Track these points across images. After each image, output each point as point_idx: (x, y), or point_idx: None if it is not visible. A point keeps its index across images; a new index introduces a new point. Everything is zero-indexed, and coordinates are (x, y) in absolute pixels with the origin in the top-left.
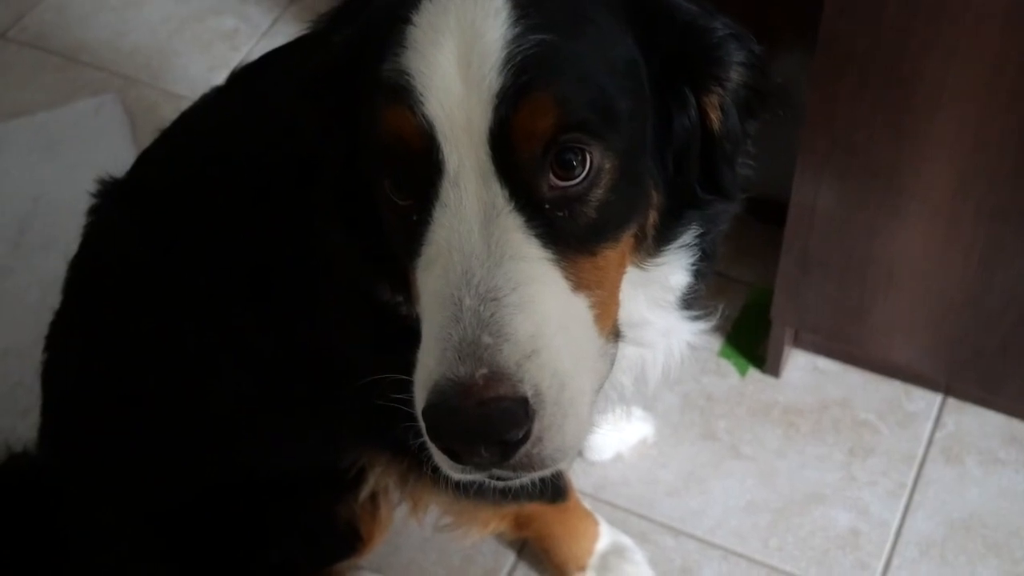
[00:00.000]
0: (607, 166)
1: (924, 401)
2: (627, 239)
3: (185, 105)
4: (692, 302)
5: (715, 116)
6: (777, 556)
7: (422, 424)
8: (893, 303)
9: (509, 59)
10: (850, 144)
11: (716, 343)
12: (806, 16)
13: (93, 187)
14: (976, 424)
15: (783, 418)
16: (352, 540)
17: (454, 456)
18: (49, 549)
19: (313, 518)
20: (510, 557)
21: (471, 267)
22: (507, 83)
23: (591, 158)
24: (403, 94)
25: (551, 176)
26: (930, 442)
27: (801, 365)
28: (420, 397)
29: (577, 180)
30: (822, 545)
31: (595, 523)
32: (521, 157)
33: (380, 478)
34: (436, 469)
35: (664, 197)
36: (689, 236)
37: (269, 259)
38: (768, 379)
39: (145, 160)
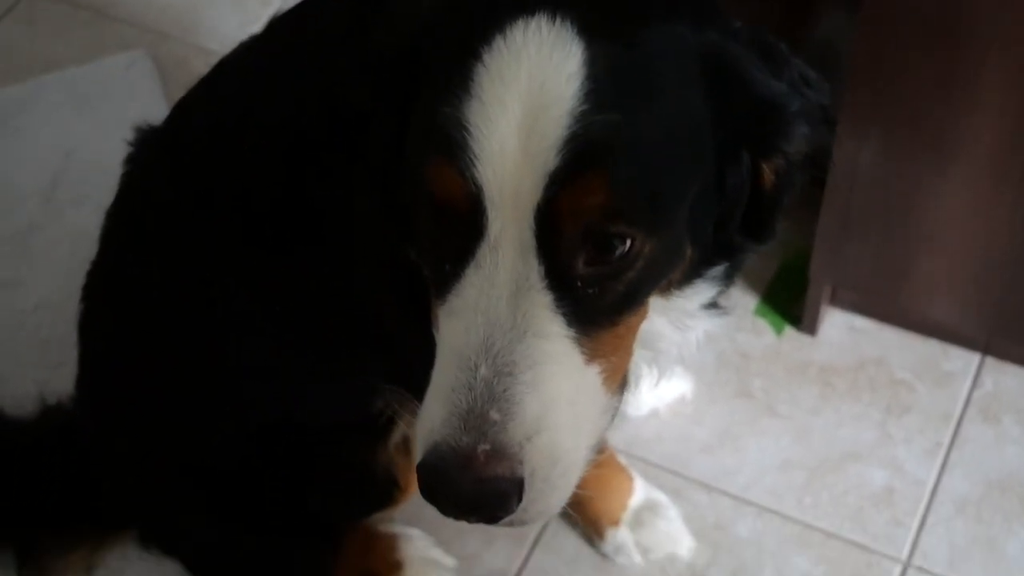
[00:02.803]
0: (647, 249)
1: (962, 360)
2: (649, 299)
3: (216, 61)
4: (713, 304)
5: (769, 179)
6: (811, 513)
7: (418, 476)
8: (935, 260)
9: (572, 139)
10: (896, 97)
11: (751, 301)
12: None
13: (127, 139)
14: (1015, 383)
15: (819, 377)
16: (390, 488)
17: (443, 510)
18: (86, 501)
19: (352, 465)
20: None
21: (493, 335)
22: (563, 164)
23: (632, 243)
24: (456, 151)
25: (588, 256)
26: (968, 401)
27: (838, 324)
28: (420, 448)
29: (614, 261)
30: (857, 503)
31: (629, 478)
32: (563, 238)
33: (410, 424)
34: None
35: (698, 252)
36: (718, 270)
37: (303, 209)
38: (804, 338)
39: (182, 108)
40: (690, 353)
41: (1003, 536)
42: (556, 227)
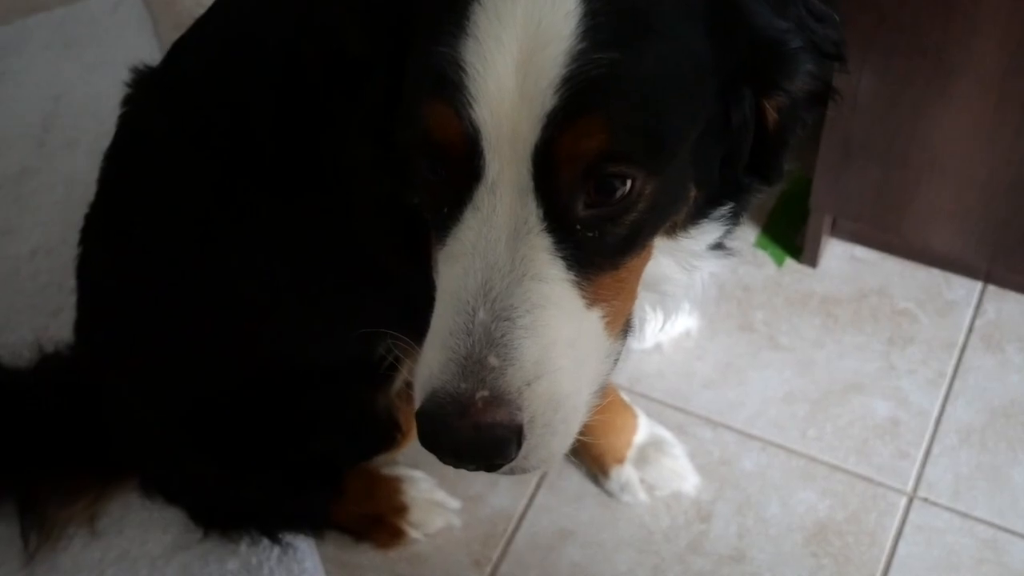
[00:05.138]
0: (648, 190)
1: (964, 289)
2: (652, 242)
3: (206, 0)
4: (720, 245)
5: (772, 117)
6: (816, 446)
7: (416, 423)
8: (936, 189)
9: (569, 78)
10: (896, 21)
11: (752, 234)
12: None
13: (124, 79)
14: (1017, 311)
15: (821, 308)
16: (391, 431)
17: (441, 458)
18: (87, 450)
19: (353, 409)
20: None
21: (491, 279)
22: (561, 104)
23: (632, 184)
24: (453, 91)
25: (588, 197)
26: (970, 330)
27: (839, 254)
28: (418, 395)
29: (614, 203)
30: (861, 435)
31: (634, 416)
32: (562, 180)
33: (412, 370)
34: None
35: (704, 193)
36: (724, 210)
37: (304, 151)
38: (805, 269)
39: (180, 47)
40: (696, 295)
41: (1008, 464)
42: (554, 169)
